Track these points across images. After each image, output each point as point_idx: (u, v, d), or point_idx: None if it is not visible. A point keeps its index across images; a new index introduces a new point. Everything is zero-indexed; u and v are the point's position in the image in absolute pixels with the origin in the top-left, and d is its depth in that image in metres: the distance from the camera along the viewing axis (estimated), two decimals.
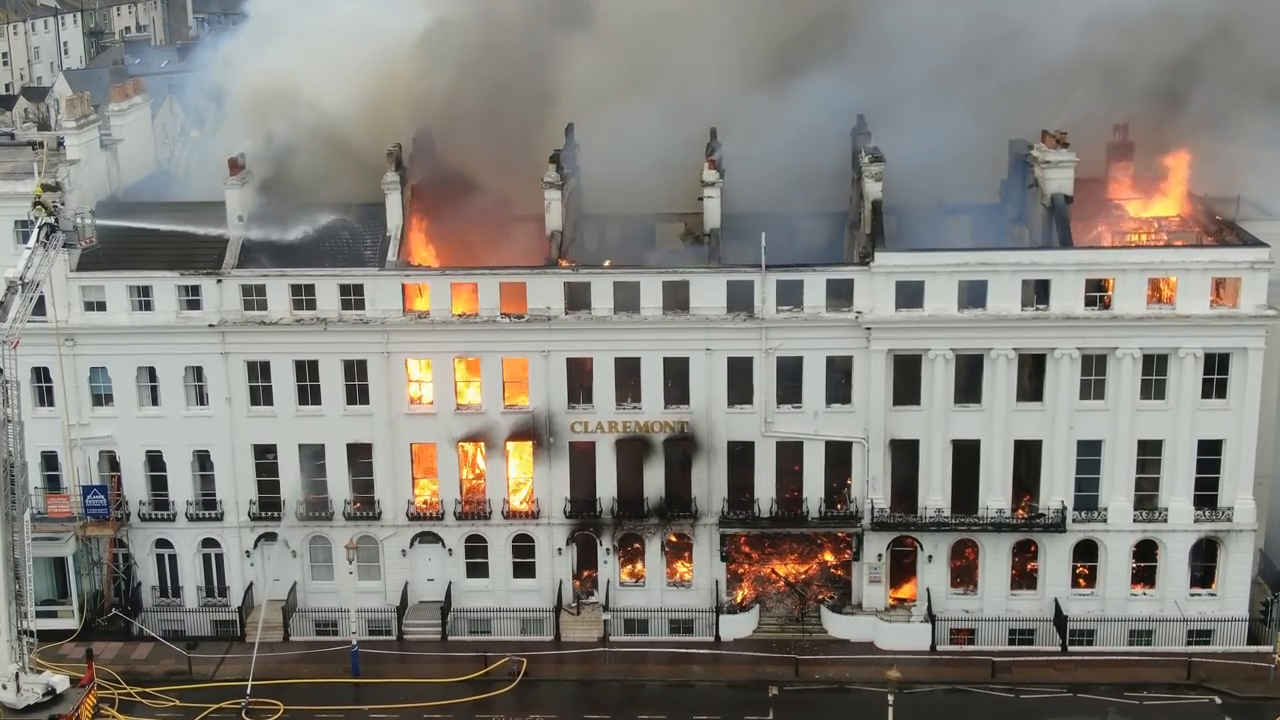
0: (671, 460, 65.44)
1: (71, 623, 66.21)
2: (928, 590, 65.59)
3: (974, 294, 62.57)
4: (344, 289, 64.03)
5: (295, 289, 64.12)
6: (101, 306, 64.73)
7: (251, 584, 67.27)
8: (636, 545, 66.93)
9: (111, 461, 66.65)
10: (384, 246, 64.74)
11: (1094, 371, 63.17)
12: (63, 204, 57.87)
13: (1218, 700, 60.89)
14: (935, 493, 64.70)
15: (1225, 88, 68.72)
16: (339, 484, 66.16)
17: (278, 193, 66.99)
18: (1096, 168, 68.91)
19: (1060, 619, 64.75)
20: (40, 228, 56.28)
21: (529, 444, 65.69)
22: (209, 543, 67.29)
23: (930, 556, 65.46)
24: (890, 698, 54.74)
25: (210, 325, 64.26)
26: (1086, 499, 64.56)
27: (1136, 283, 62.12)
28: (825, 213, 71.20)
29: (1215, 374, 62.84)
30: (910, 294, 62.66)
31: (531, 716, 60.66)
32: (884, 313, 62.79)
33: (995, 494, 64.60)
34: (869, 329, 62.93)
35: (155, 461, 66.50)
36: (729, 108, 69.61)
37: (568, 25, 73.33)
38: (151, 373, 65.53)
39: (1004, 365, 63.06)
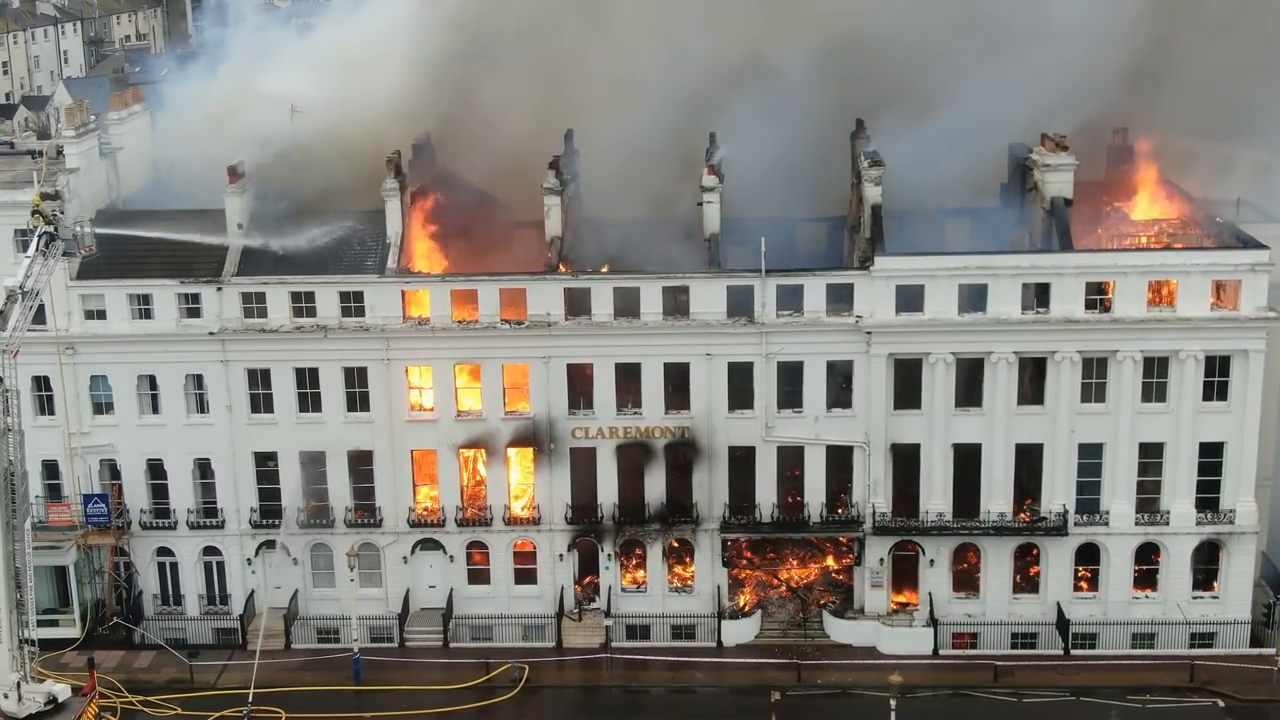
0: (672, 466, 65.40)
1: (73, 631, 66.19)
2: (929, 594, 65.54)
3: (974, 298, 62.54)
4: (344, 296, 64.00)
5: (295, 296, 64.11)
6: (101, 315, 64.73)
7: (253, 592, 67.25)
8: (638, 551, 66.89)
9: (112, 470, 66.65)
10: (384, 253, 64.73)
11: (1095, 374, 63.13)
12: (62, 212, 57.83)
13: (1220, 703, 60.80)
14: (937, 497, 64.66)
15: (1225, 91, 68.78)
16: (340, 491, 66.14)
17: (277, 200, 67.08)
18: (1096, 171, 68.93)
19: (1062, 622, 64.70)
20: (39, 236, 56.27)
21: (530, 450, 65.67)
22: (210, 551, 67.27)
23: (932, 561, 65.41)
24: (892, 702, 54.62)
25: (210, 333, 64.27)
26: (1088, 502, 64.50)
27: (1137, 285, 62.09)
28: (825, 217, 71.30)
29: (1216, 376, 62.79)
30: (910, 298, 62.64)
31: None
32: (884, 317, 62.77)
33: (997, 498, 64.55)
34: (869, 333, 62.91)
35: (156, 470, 66.50)
36: (728, 111, 69.56)
37: (567, 30, 73.55)
38: (152, 381, 65.55)
39: (1004, 369, 63.03)
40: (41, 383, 65.26)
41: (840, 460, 64.97)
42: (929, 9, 72.99)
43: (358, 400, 65.11)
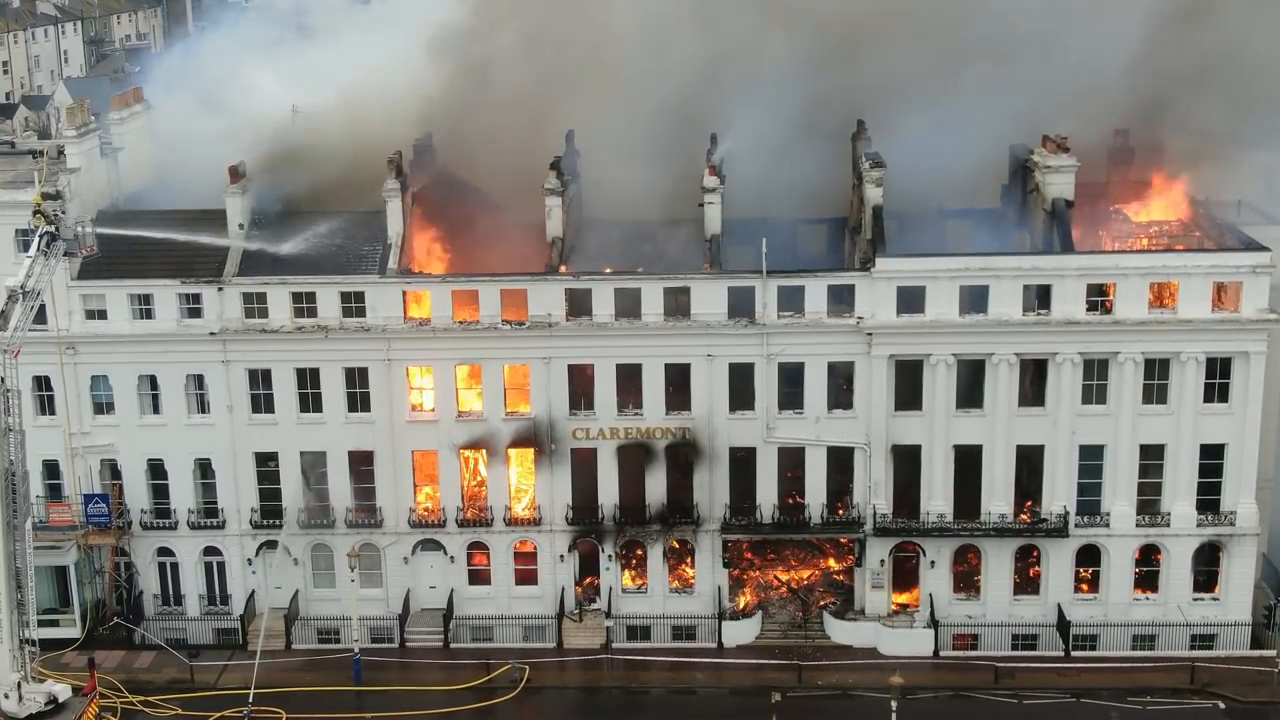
0: (673, 466, 65.39)
1: (73, 631, 66.14)
2: (930, 596, 65.53)
3: (975, 299, 62.55)
4: (345, 296, 63.99)
5: (296, 296, 64.09)
6: (102, 315, 64.70)
7: (253, 592, 67.23)
8: (639, 552, 66.88)
9: (113, 470, 66.61)
10: (385, 253, 64.71)
11: (1096, 376, 63.14)
12: (63, 212, 57.86)
13: (1221, 705, 60.81)
14: (937, 498, 64.66)
15: (1226, 91, 68.77)
16: (340, 491, 66.12)
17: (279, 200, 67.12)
18: (1097, 172, 68.91)
19: (1063, 624, 64.70)
20: (41, 236, 56.33)
21: (530, 451, 65.65)
22: (211, 551, 67.25)
23: (933, 562, 65.41)
24: (893, 703, 54.64)
25: (211, 333, 64.25)
26: (1089, 504, 64.51)
27: (1138, 287, 62.10)
28: (826, 218, 71.30)
29: (1217, 378, 62.80)
30: (911, 299, 62.64)
31: None
32: (885, 318, 62.77)
33: (997, 499, 64.54)
34: (870, 334, 62.91)
35: (157, 470, 66.48)
36: (730, 111, 69.55)
37: (569, 30, 73.60)
38: (153, 381, 65.54)
39: (1005, 370, 63.02)
40: (42, 382, 65.25)
41: (841, 461, 64.96)
42: (931, 9, 72.99)
43: (358, 401, 65.10)
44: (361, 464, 65.96)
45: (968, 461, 64.44)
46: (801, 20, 73.08)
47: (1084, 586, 65.77)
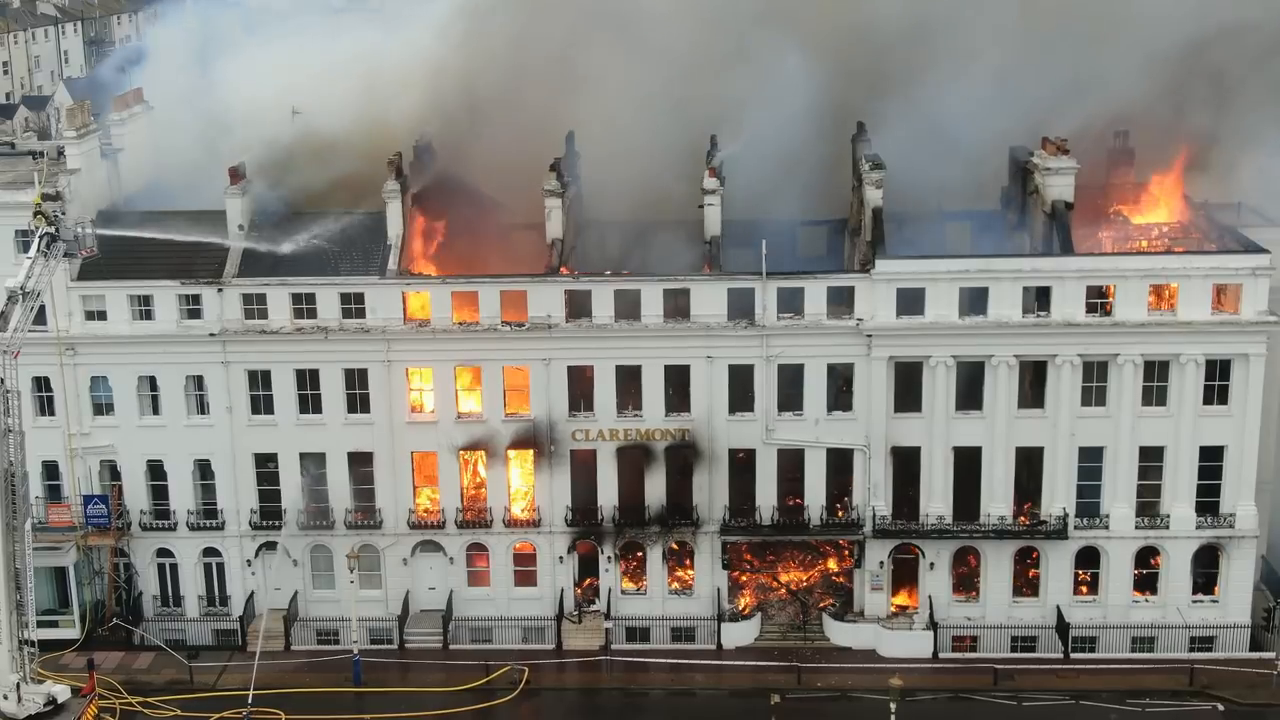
0: (673, 468, 65.39)
1: (73, 632, 66.15)
2: (930, 597, 65.51)
3: (975, 301, 62.56)
4: (344, 297, 64.00)
5: (296, 298, 64.09)
6: (102, 316, 64.71)
7: (253, 593, 67.21)
8: (638, 553, 66.88)
9: (112, 471, 66.60)
10: (384, 255, 64.70)
11: (1095, 378, 63.14)
12: (63, 213, 57.85)
13: (1220, 707, 60.79)
14: (937, 500, 64.65)
15: (1226, 92, 68.80)
16: (340, 493, 66.10)
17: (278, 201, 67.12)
18: (1097, 174, 68.92)
19: (1062, 626, 64.69)
20: (41, 237, 56.31)
21: (530, 452, 65.65)
22: (210, 552, 67.25)
23: (932, 564, 65.41)
24: (893, 705, 54.64)
25: (211, 334, 64.25)
26: (1088, 506, 64.51)
27: (1138, 289, 62.09)
28: (826, 220, 71.29)
29: (1216, 380, 62.79)
30: (911, 301, 62.64)
31: None
32: (885, 320, 62.77)
33: (997, 501, 64.54)
34: (870, 336, 62.91)
35: (156, 471, 66.47)
36: (730, 112, 69.53)
37: (569, 31, 73.59)
38: (152, 382, 65.54)
39: (1005, 372, 63.02)
40: (42, 383, 65.23)
41: (840, 463, 64.96)
42: (931, 8, 73.00)
43: (358, 402, 65.09)
44: (361, 465, 65.97)
45: (967, 463, 64.44)
46: (803, 19, 73.06)
47: (1083, 588, 65.76)
